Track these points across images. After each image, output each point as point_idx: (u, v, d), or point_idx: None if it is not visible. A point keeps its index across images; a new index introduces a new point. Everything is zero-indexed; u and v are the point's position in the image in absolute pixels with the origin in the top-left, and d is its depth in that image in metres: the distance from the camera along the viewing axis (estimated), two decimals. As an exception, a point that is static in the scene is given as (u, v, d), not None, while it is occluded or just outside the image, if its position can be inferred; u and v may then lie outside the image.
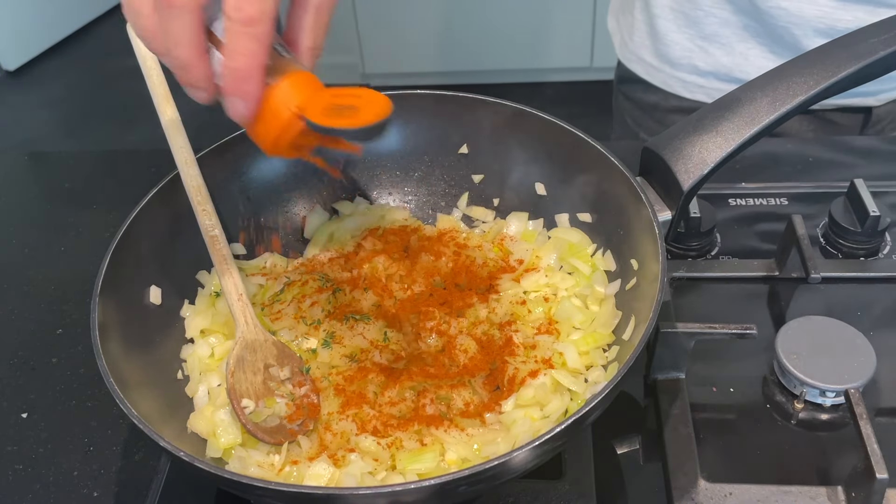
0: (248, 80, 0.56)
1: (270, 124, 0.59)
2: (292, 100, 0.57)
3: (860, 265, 0.84)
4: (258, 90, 0.57)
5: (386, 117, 0.54)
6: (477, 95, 0.82)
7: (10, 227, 1.05)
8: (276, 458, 0.66)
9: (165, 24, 0.55)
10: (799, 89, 0.69)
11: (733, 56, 1.07)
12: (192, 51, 0.56)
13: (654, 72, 1.16)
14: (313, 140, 0.63)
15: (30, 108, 3.49)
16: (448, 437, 0.65)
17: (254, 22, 0.54)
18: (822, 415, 0.72)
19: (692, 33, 1.09)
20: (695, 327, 0.71)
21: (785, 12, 1.00)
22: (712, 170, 0.69)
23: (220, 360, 0.73)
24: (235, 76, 0.56)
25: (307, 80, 0.59)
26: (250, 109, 0.58)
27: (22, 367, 0.85)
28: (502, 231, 0.83)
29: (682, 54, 1.11)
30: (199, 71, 0.57)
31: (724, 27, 1.06)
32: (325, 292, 0.77)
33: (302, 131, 0.59)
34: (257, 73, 0.56)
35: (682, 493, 0.66)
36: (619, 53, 1.23)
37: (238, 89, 0.57)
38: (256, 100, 0.57)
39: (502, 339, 0.73)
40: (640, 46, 1.17)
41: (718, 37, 1.07)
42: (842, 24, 0.98)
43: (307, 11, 0.60)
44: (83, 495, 0.72)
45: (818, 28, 0.99)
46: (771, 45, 1.04)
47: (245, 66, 0.55)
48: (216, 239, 0.73)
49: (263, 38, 0.55)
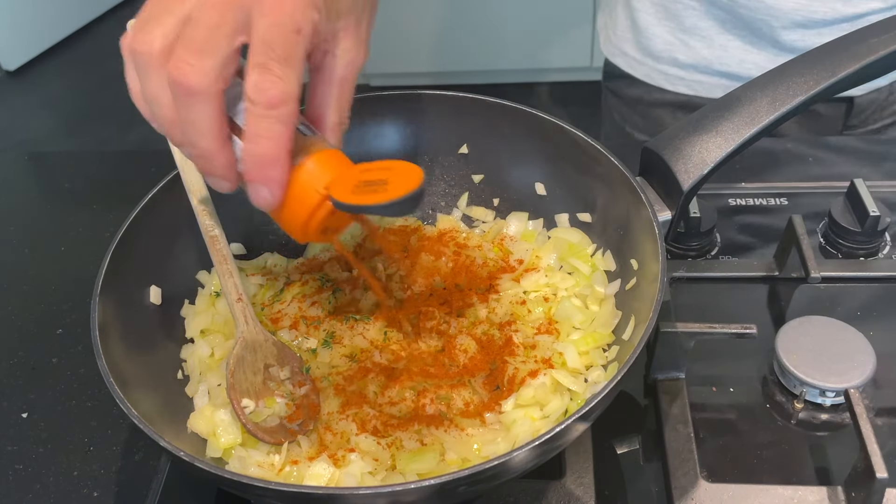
0: (273, 166, 0.53)
1: (298, 209, 0.55)
2: (320, 181, 0.54)
3: (860, 265, 0.84)
4: (284, 175, 0.53)
5: (417, 189, 0.51)
6: (477, 95, 0.82)
7: (10, 227, 1.05)
8: (276, 458, 0.66)
9: (184, 114, 0.52)
10: (799, 89, 0.69)
11: (713, 48, 1.08)
12: (214, 140, 0.53)
13: (636, 65, 1.17)
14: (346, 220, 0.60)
15: (30, 108, 3.49)
16: (448, 437, 0.65)
17: (278, 104, 0.51)
18: (822, 415, 0.72)
19: (672, 26, 1.09)
20: (695, 327, 0.71)
21: (763, 5, 1.00)
22: (712, 170, 0.69)
23: (220, 360, 0.73)
24: (259, 162, 0.52)
25: (334, 158, 0.56)
26: (276, 196, 0.54)
27: (22, 367, 0.85)
28: (502, 231, 0.83)
29: (663, 47, 1.12)
30: (221, 160, 0.54)
31: (702, 20, 1.07)
32: (325, 292, 0.77)
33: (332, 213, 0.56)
34: (283, 157, 0.53)
35: (682, 493, 0.66)
36: (604, 49, 1.24)
37: (262, 176, 0.53)
38: (282, 186, 0.54)
39: (502, 339, 0.73)
40: (622, 41, 1.18)
41: (698, 29, 1.08)
42: (818, 16, 0.98)
43: (331, 86, 0.57)
44: (83, 495, 0.72)
45: (795, 20, 1.00)
46: (749, 38, 1.05)
47: (269, 152, 0.52)
48: (216, 239, 0.73)
49: (288, 120, 0.52)
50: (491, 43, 3.15)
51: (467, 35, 3.14)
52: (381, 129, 0.85)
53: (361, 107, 0.84)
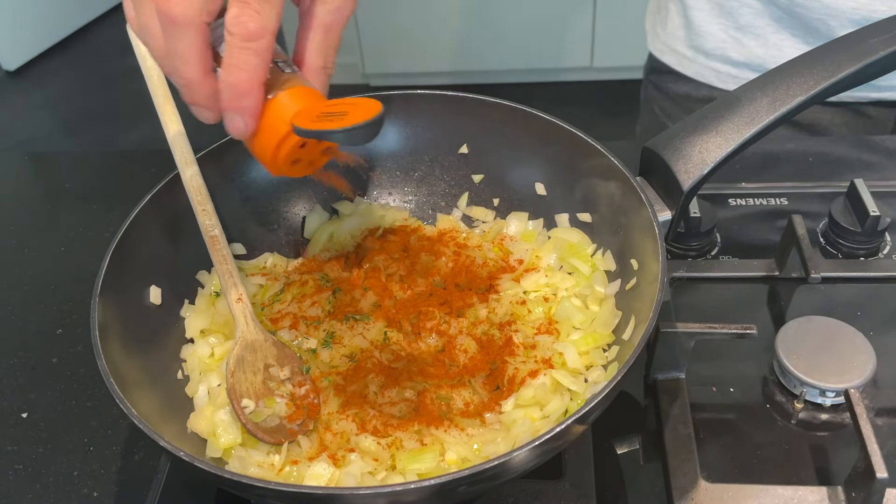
0: (247, 96, 0.56)
1: (267, 139, 0.58)
2: (289, 113, 0.57)
3: (860, 265, 0.84)
4: (256, 106, 0.56)
5: (374, 117, 0.53)
6: (477, 95, 0.82)
7: (10, 227, 1.05)
8: (276, 458, 0.66)
9: (170, 43, 0.55)
10: (799, 89, 0.69)
11: (767, 47, 1.08)
12: (196, 69, 0.55)
13: (686, 62, 1.16)
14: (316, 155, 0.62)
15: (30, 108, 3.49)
16: (448, 437, 0.65)
17: (254, 37, 0.54)
18: (822, 415, 0.72)
19: (727, 24, 1.09)
20: (695, 327, 0.71)
21: (820, 4, 1.00)
22: (712, 170, 0.69)
23: (220, 360, 0.73)
24: (234, 91, 0.55)
25: (306, 93, 0.58)
26: (249, 125, 0.57)
27: (22, 367, 0.85)
28: (502, 231, 0.83)
29: (715, 45, 1.11)
30: (203, 90, 0.56)
31: (758, 18, 1.06)
32: (325, 292, 0.77)
33: (300, 144, 0.58)
34: (256, 88, 0.55)
35: (682, 493, 0.66)
36: (651, 45, 1.24)
37: (237, 105, 0.56)
38: (254, 115, 0.57)
39: (502, 339, 0.73)
40: (672, 38, 1.17)
41: (753, 28, 1.07)
42: (877, 15, 0.97)
43: (315, 30, 0.60)
44: (83, 495, 0.72)
45: (854, 19, 0.99)
46: (805, 37, 1.04)
47: (243, 82, 0.55)
48: (216, 239, 0.73)
49: (263, 53, 0.54)
50: (491, 43, 3.15)
51: (467, 35, 3.14)
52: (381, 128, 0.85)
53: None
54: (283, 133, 0.57)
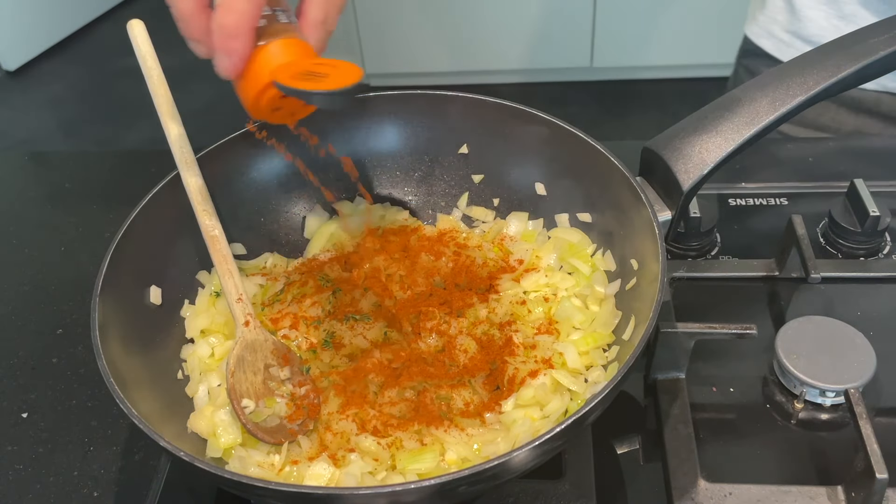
0: (235, 38, 0.58)
1: (250, 85, 0.60)
2: (273, 63, 0.58)
3: (860, 265, 0.84)
4: (244, 49, 0.58)
5: (352, 85, 0.55)
6: (477, 95, 0.82)
7: (10, 227, 1.05)
8: (276, 458, 0.66)
9: None
10: (799, 89, 0.69)
11: None
12: (191, 3, 0.58)
13: (784, 48, 1.15)
14: (298, 106, 0.64)
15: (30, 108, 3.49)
16: (448, 437, 0.65)
17: None
18: (822, 415, 0.72)
19: (830, 12, 1.08)
20: (695, 327, 0.71)
21: None
22: (712, 170, 0.69)
23: (220, 360, 0.73)
24: (223, 32, 0.58)
25: (296, 46, 0.60)
26: (235, 66, 0.59)
27: (22, 367, 0.85)
28: (502, 231, 0.83)
29: (816, 32, 1.10)
30: (196, 24, 0.59)
31: (864, 8, 1.05)
32: (325, 292, 0.77)
33: (280, 96, 0.60)
34: (245, 31, 0.57)
35: (682, 493, 0.66)
36: (747, 29, 1.23)
37: (225, 45, 0.58)
38: (241, 58, 0.59)
39: (502, 339, 0.73)
40: (771, 21, 1.16)
41: (857, 17, 1.06)
42: None
43: None
44: (83, 495, 0.72)
45: None
46: None
47: (232, 23, 0.57)
48: (216, 239, 0.73)
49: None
50: (490, 43, 3.15)
51: (467, 35, 3.14)
52: (381, 128, 0.85)
53: (362, 107, 0.84)
54: (265, 83, 0.59)
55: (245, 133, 0.80)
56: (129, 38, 0.75)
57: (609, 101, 3.20)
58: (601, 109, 3.18)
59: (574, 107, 3.18)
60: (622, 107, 3.18)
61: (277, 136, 0.77)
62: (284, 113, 0.64)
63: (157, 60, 0.75)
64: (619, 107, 3.18)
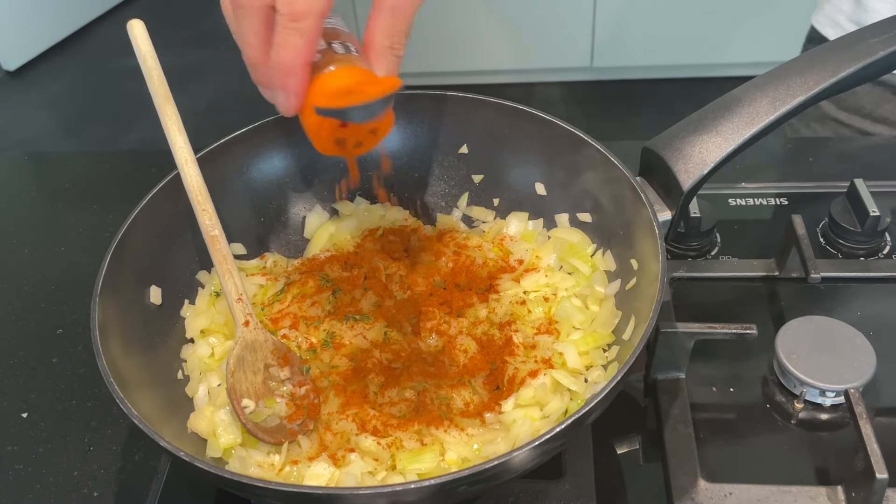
0: (290, 75, 0.58)
1: (306, 117, 0.60)
2: (319, 90, 0.58)
3: (860, 265, 0.84)
4: (299, 85, 0.58)
5: (381, 97, 0.55)
6: (477, 95, 0.82)
7: (10, 227, 1.05)
8: (276, 458, 0.66)
9: (235, 25, 0.59)
10: (799, 89, 0.69)
11: None
12: (257, 51, 0.58)
13: None
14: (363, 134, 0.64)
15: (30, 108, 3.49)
16: (448, 437, 0.65)
17: (301, 17, 0.55)
18: (822, 415, 0.72)
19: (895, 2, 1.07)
20: (695, 327, 0.71)
21: None
22: (712, 170, 0.69)
23: (220, 360, 0.73)
24: (279, 70, 0.58)
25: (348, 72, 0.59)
26: (292, 103, 0.60)
27: (22, 367, 0.85)
28: (502, 231, 0.83)
29: None
30: (263, 70, 0.59)
31: None
32: (325, 292, 0.77)
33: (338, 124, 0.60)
34: (299, 67, 0.57)
35: (682, 493, 0.66)
36: (814, 18, 1.23)
37: (281, 82, 0.58)
38: (296, 93, 0.59)
39: (502, 339, 0.73)
40: (836, 11, 1.16)
41: None
42: None
43: (382, 11, 0.61)
44: (83, 495, 0.72)
45: None
46: None
47: (286, 60, 0.57)
48: (216, 239, 0.73)
49: (309, 33, 0.56)
50: (490, 43, 3.15)
51: (467, 35, 3.14)
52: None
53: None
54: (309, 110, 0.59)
55: (245, 133, 0.80)
56: (129, 38, 0.75)
57: (609, 101, 3.20)
58: (601, 109, 3.17)
59: (574, 107, 3.18)
60: (622, 107, 3.18)
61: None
62: (351, 144, 0.64)
63: (157, 60, 0.75)
64: (619, 107, 3.17)
